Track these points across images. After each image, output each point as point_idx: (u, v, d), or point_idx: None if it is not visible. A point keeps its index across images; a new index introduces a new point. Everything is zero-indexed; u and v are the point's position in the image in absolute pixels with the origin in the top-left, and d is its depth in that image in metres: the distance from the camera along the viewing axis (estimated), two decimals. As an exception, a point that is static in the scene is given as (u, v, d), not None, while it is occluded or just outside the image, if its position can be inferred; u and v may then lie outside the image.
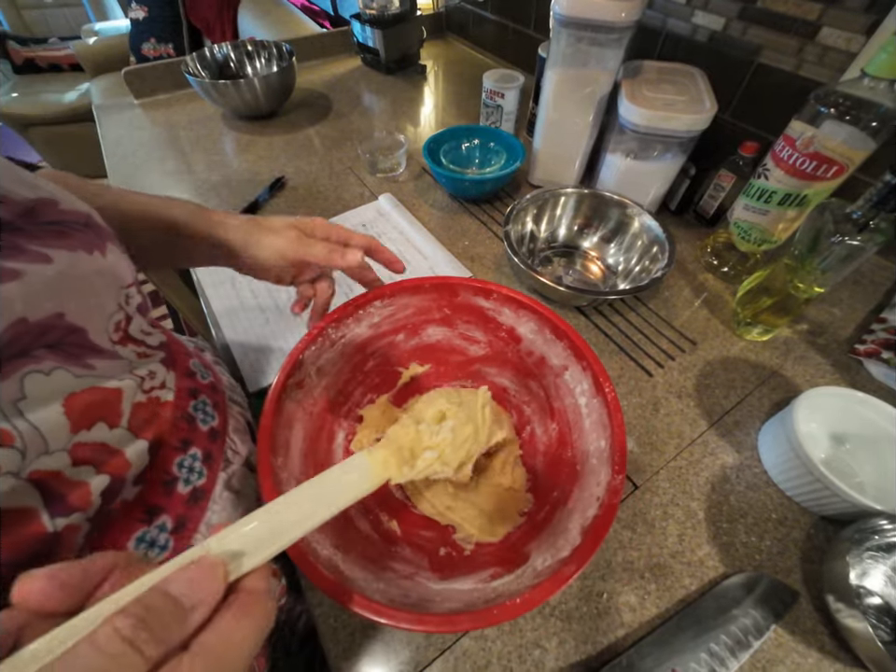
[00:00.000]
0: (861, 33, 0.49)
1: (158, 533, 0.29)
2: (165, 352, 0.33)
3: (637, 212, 0.56)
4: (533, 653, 0.32)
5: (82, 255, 0.24)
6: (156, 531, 0.29)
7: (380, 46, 0.95)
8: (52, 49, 2.12)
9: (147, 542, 0.28)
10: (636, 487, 0.40)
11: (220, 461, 0.34)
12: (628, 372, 0.48)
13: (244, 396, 0.45)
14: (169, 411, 0.31)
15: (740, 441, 0.43)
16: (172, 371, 0.33)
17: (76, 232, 0.24)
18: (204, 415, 0.34)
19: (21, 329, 0.20)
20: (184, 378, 0.34)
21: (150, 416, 0.29)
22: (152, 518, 0.28)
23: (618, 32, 0.51)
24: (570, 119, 0.61)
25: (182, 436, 0.31)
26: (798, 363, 0.49)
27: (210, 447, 0.34)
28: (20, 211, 0.22)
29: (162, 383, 0.31)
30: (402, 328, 0.42)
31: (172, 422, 0.31)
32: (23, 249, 0.21)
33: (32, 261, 0.21)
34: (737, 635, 0.32)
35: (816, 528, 0.38)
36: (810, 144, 0.42)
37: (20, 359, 0.20)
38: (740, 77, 0.61)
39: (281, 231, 0.35)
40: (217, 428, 0.35)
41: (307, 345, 0.34)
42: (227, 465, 0.35)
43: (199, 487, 0.32)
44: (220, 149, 0.79)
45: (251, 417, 0.44)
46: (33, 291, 0.21)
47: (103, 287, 0.26)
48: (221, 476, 0.34)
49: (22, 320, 0.20)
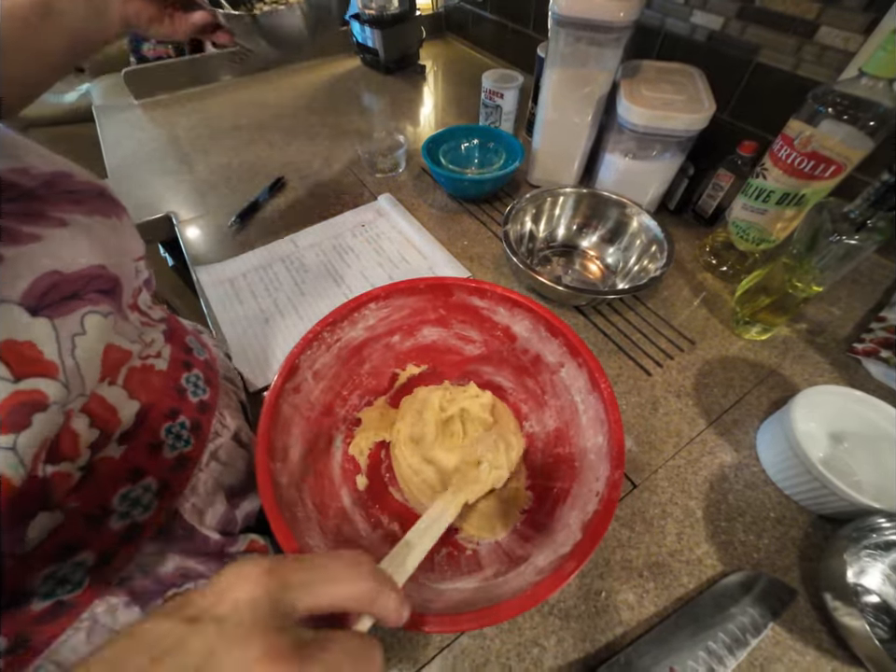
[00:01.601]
0: (859, 32, 0.49)
1: (142, 493, 0.29)
2: (165, 325, 0.35)
3: (636, 211, 0.56)
4: (532, 651, 0.32)
5: (99, 218, 0.27)
6: (140, 490, 0.29)
7: (379, 46, 0.95)
8: (52, 50, 2.12)
9: (129, 500, 0.29)
10: (634, 486, 0.40)
11: (209, 432, 0.35)
12: (627, 372, 0.48)
13: (239, 377, 0.46)
14: (161, 379, 0.32)
15: (739, 440, 0.43)
16: (169, 343, 0.35)
17: (91, 199, 0.27)
18: (195, 388, 0.35)
19: (58, 278, 0.23)
20: (180, 352, 0.36)
21: (142, 381, 0.30)
22: (137, 479, 0.29)
23: (616, 31, 0.51)
24: (569, 118, 0.61)
25: (172, 403, 0.32)
26: (797, 362, 0.49)
27: (199, 417, 0.34)
28: (41, 182, 0.25)
29: (158, 352, 0.33)
30: (398, 329, 0.42)
31: (163, 390, 0.32)
32: (44, 215, 0.24)
33: (50, 226, 0.24)
34: (735, 633, 0.32)
35: (814, 527, 0.38)
36: (808, 143, 0.42)
37: (74, 301, 0.23)
38: (739, 76, 0.61)
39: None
40: (208, 402, 0.36)
41: (303, 349, 0.35)
42: (215, 437, 0.36)
43: (185, 454, 0.32)
44: (220, 149, 0.79)
45: (245, 398, 0.45)
46: (56, 249, 0.24)
47: (125, 250, 0.29)
48: (209, 447, 0.35)
49: (55, 272, 0.23)
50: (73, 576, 0.26)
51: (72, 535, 0.26)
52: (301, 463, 0.33)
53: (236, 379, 0.45)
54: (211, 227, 0.64)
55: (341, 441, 0.39)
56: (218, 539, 0.34)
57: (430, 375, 0.44)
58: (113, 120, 0.86)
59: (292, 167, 0.75)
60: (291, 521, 0.27)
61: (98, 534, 0.27)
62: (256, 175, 0.73)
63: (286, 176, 0.72)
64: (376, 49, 0.97)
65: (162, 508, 0.30)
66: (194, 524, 0.32)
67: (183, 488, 0.32)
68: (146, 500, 0.29)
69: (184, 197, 0.69)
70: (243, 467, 0.38)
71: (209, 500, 0.34)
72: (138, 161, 0.76)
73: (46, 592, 0.25)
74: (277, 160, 0.76)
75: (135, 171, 0.74)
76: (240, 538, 0.36)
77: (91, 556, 0.27)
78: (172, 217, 0.66)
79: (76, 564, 0.26)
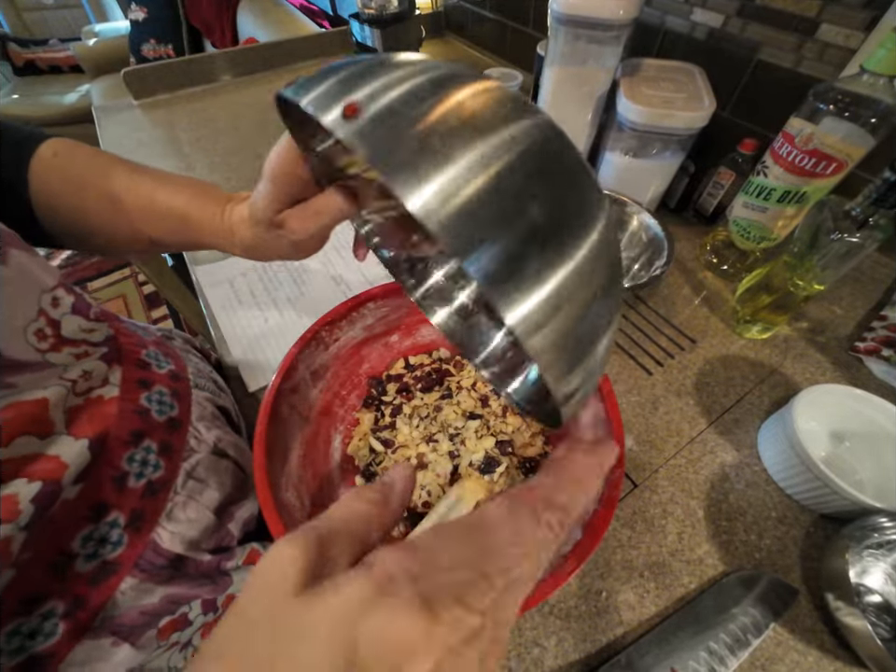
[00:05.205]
0: (860, 29, 0.48)
1: (109, 530, 0.28)
2: (109, 347, 0.31)
3: (636, 210, 0.56)
4: (532, 652, 0.32)
5: None
6: (106, 528, 0.27)
7: (379, 45, 0.95)
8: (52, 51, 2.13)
9: (94, 540, 0.27)
10: (635, 486, 0.40)
11: (181, 451, 0.33)
12: (627, 371, 0.48)
13: (216, 381, 0.44)
14: (115, 406, 0.30)
15: (740, 440, 0.43)
16: (117, 365, 0.32)
17: None
18: (160, 405, 0.33)
19: None
20: (133, 370, 0.33)
21: (90, 416, 0.28)
22: (100, 516, 0.27)
23: (616, 29, 0.51)
24: (569, 117, 0.61)
25: (132, 428, 0.30)
26: (798, 361, 0.49)
27: (168, 438, 0.33)
28: None
29: (104, 380, 0.30)
30: (396, 328, 0.42)
31: (118, 417, 0.30)
32: None
33: None
34: (737, 633, 0.32)
35: (815, 526, 0.38)
36: (809, 141, 0.42)
37: None
38: (739, 74, 0.60)
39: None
40: (178, 418, 0.34)
41: (301, 349, 0.34)
42: (190, 454, 0.34)
43: (155, 480, 0.31)
44: (220, 149, 0.79)
45: (230, 403, 0.43)
46: None
47: (8, 298, 0.24)
48: (183, 466, 0.33)
49: None
50: (42, 627, 0.24)
51: (32, 587, 0.24)
52: (300, 463, 0.33)
53: (215, 383, 0.43)
54: (210, 227, 0.64)
55: (339, 442, 0.39)
56: (211, 559, 0.32)
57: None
58: (113, 121, 0.86)
59: (292, 167, 0.74)
60: (290, 523, 0.27)
61: (63, 581, 0.25)
62: (256, 175, 0.72)
63: (285, 176, 0.72)
64: (376, 49, 0.96)
65: (137, 540, 0.29)
66: (178, 550, 0.31)
67: (158, 516, 0.30)
68: (114, 537, 0.28)
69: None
70: (227, 479, 0.37)
71: (193, 522, 0.32)
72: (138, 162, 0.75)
73: (13, 649, 0.23)
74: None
75: (135, 171, 0.74)
76: (237, 550, 0.35)
77: (60, 604, 0.25)
78: (171, 217, 0.65)
79: (43, 615, 0.25)
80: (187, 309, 0.98)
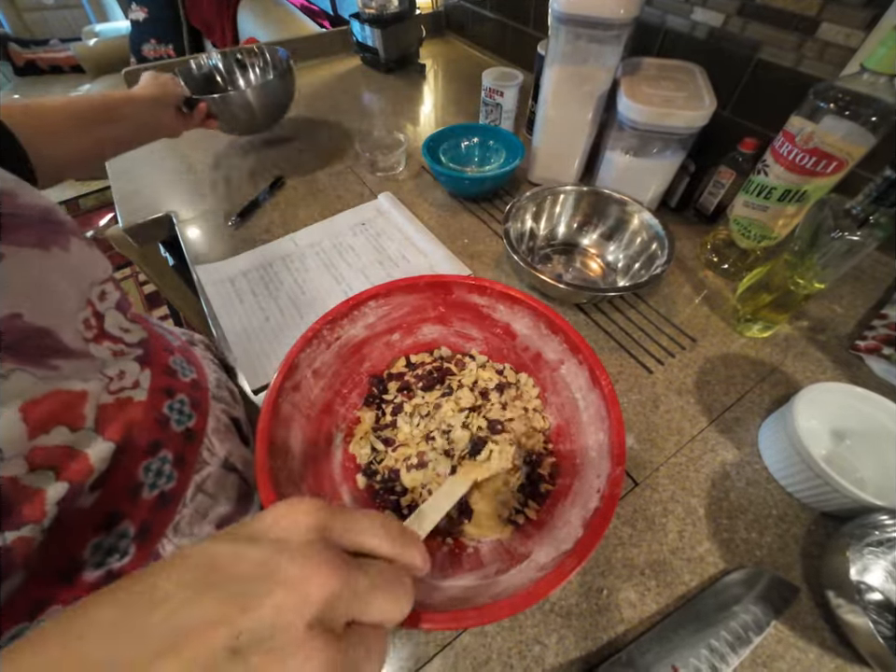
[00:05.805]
0: (860, 28, 0.48)
1: (117, 540, 0.27)
2: (143, 349, 0.32)
3: (637, 209, 0.56)
4: (533, 649, 0.32)
5: (35, 252, 0.23)
6: (115, 538, 0.27)
7: (379, 45, 0.95)
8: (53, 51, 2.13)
9: (103, 550, 0.27)
10: (636, 484, 0.40)
11: (194, 464, 0.33)
12: (628, 370, 0.48)
13: (232, 391, 0.44)
14: (140, 411, 0.30)
15: (740, 438, 0.43)
16: (147, 369, 0.32)
17: (27, 228, 0.23)
18: (180, 416, 0.33)
19: None
20: (161, 376, 0.33)
21: (118, 417, 0.28)
22: (111, 525, 0.27)
23: (617, 28, 0.51)
24: (570, 116, 0.61)
25: (152, 438, 0.30)
26: (798, 359, 0.49)
27: (183, 450, 0.32)
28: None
29: (135, 382, 0.30)
30: (398, 327, 0.42)
31: (142, 423, 0.30)
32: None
33: None
34: (737, 631, 0.32)
35: (816, 524, 0.38)
36: (810, 139, 0.42)
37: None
38: (739, 73, 0.61)
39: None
40: (194, 429, 0.34)
41: (302, 347, 0.34)
42: (202, 467, 0.34)
43: (167, 491, 0.31)
44: (219, 149, 0.79)
45: (242, 413, 0.43)
46: None
47: (66, 285, 0.24)
48: (194, 479, 0.33)
49: None
50: None
51: (38, 592, 0.24)
52: (301, 461, 0.33)
53: (231, 393, 0.43)
54: (211, 226, 0.64)
55: (341, 440, 0.39)
56: None
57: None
58: (113, 120, 0.86)
59: (292, 166, 0.75)
60: None
61: (70, 588, 0.25)
62: (256, 174, 0.73)
63: (285, 175, 0.72)
64: (376, 49, 0.97)
65: (143, 552, 0.29)
66: None
67: (165, 528, 0.30)
68: (122, 547, 0.28)
69: (184, 196, 0.69)
70: (233, 493, 0.36)
71: (195, 538, 0.32)
72: (138, 161, 0.76)
73: None
74: (277, 158, 0.76)
75: (135, 171, 0.74)
76: None
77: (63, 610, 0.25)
78: (172, 216, 0.66)
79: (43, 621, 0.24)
80: (187, 308, 0.98)
